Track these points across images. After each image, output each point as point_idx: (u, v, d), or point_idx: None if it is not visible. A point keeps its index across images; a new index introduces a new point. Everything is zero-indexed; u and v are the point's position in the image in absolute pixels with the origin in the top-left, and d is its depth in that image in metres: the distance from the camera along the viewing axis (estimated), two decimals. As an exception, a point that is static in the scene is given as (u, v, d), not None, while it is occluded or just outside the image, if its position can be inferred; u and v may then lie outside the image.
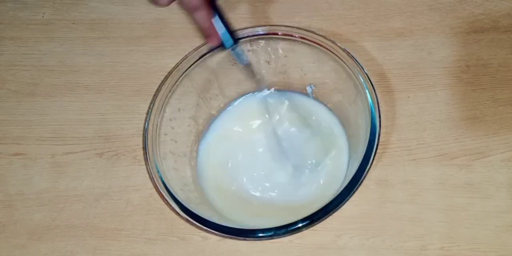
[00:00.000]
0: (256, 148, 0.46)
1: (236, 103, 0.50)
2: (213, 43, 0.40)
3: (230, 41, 0.41)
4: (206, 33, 0.39)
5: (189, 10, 0.37)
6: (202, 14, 0.37)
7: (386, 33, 0.53)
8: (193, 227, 0.36)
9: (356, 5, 0.55)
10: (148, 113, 0.41)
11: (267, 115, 0.48)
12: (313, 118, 0.48)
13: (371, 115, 0.38)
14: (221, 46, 0.41)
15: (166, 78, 0.41)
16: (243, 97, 0.50)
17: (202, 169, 0.47)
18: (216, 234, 0.35)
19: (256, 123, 0.48)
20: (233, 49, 0.42)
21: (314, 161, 0.45)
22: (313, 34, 0.41)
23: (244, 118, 0.49)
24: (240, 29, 0.42)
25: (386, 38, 0.52)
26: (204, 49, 0.42)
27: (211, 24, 0.38)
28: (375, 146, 0.36)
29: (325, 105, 0.48)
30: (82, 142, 0.50)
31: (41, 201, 0.47)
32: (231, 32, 0.40)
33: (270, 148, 0.46)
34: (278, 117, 0.48)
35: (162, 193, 0.38)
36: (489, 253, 0.41)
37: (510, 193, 0.43)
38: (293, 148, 0.46)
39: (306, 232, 0.36)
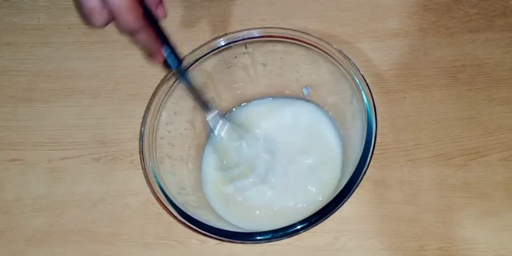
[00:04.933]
0: (253, 152, 0.46)
1: (237, 108, 0.50)
2: (157, 60, 0.37)
3: (175, 62, 0.38)
4: (149, 51, 0.36)
5: (128, 34, 0.35)
6: (143, 36, 0.34)
7: (381, 34, 0.53)
8: (191, 231, 0.36)
9: (351, 6, 0.55)
10: (145, 117, 0.41)
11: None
12: (305, 121, 0.48)
13: (367, 116, 0.38)
14: (167, 66, 0.39)
15: (162, 82, 0.41)
16: (243, 104, 0.50)
17: (204, 173, 0.47)
18: (214, 238, 0.35)
19: (254, 129, 0.48)
20: (178, 70, 0.39)
21: (310, 164, 0.45)
22: (309, 36, 0.41)
23: (242, 124, 0.49)
24: (235, 32, 0.42)
25: (381, 39, 0.52)
26: (200, 53, 0.42)
27: (154, 42, 0.35)
28: (372, 147, 0.36)
29: (319, 106, 0.48)
30: (79, 147, 0.50)
31: (39, 206, 0.47)
32: (175, 52, 0.38)
33: (266, 154, 0.46)
34: (268, 125, 0.48)
35: (160, 197, 0.37)
36: (487, 253, 0.41)
37: (507, 193, 0.44)
38: (288, 153, 0.46)
39: (304, 235, 0.35)
